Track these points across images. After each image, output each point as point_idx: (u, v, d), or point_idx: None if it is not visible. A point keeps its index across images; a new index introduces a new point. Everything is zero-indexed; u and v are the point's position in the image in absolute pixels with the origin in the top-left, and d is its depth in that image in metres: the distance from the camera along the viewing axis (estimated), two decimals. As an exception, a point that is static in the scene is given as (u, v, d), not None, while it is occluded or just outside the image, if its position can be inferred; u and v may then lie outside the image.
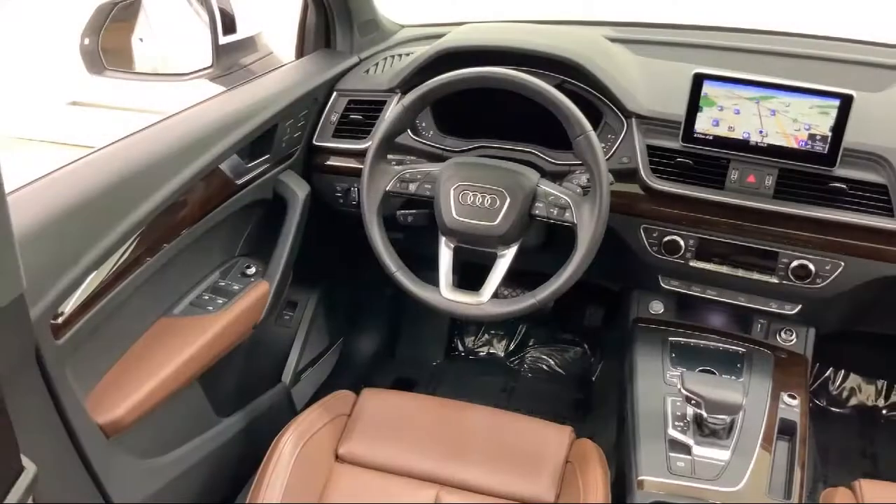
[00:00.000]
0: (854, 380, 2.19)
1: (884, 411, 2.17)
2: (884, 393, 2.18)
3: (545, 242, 1.61)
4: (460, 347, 2.38)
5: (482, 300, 1.38)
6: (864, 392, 2.18)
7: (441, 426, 1.46)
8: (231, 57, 1.73)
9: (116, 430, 1.22)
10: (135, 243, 1.24)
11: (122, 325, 1.29)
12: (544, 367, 2.31)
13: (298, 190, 1.62)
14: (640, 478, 1.30)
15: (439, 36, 1.70)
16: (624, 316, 1.71)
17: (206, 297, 1.46)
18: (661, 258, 1.55)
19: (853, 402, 2.19)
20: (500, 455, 1.39)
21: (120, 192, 1.20)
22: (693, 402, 1.32)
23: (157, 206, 1.24)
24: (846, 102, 1.34)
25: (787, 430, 1.40)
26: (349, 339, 2.23)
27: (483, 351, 2.38)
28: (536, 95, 1.34)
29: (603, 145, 1.53)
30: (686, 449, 1.33)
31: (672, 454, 1.33)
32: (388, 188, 1.44)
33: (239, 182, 1.49)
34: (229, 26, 1.69)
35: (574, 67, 1.53)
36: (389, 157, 1.53)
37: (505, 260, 1.41)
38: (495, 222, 1.38)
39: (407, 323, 2.35)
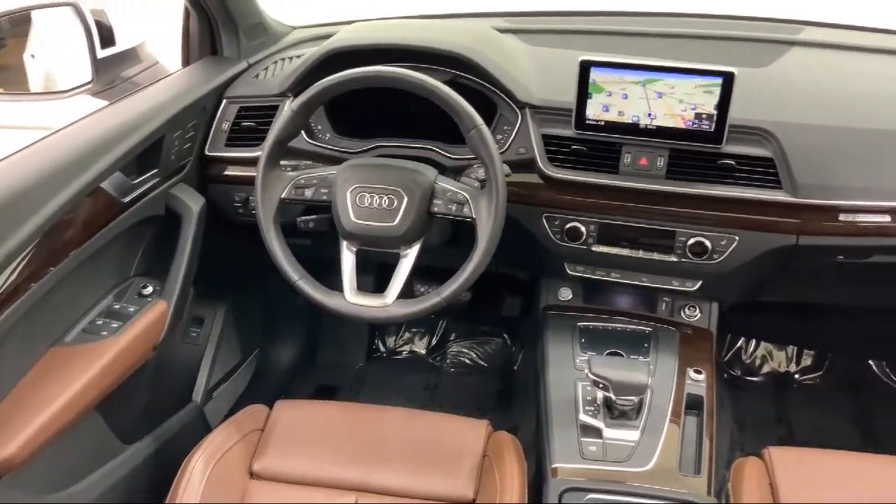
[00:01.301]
0: (765, 348, 2.26)
1: (796, 376, 2.24)
2: (794, 359, 2.25)
3: (452, 238, 1.61)
4: (382, 348, 2.36)
5: (387, 302, 1.37)
6: (775, 359, 2.26)
7: (357, 432, 1.44)
8: (112, 70, 1.66)
9: (9, 468, 1.16)
10: (17, 270, 1.18)
11: (8, 357, 1.23)
12: (466, 360, 2.31)
13: (192, 203, 1.57)
14: (553, 465, 1.31)
15: (330, 36, 1.67)
16: (535, 304, 1.73)
17: (100, 322, 1.40)
18: (565, 245, 1.56)
19: (766, 369, 2.25)
20: (417, 456, 1.38)
21: None
22: (601, 385, 1.33)
23: (38, 230, 1.18)
24: (728, 80, 1.37)
25: (694, 404, 1.42)
26: (265, 350, 2.18)
27: (405, 350, 2.37)
28: (425, 92, 1.33)
29: (500, 137, 1.54)
30: (597, 433, 1.34)
31: (584, 439, 1.34)
32: (283, 196, 1.40)
33: (126, 199, 1.43)
34: (107, 38, 1.62)
35: (465, 62, 1.52)
36: (284, 162, 1.49)
37: (408, 260, 1.40)
38: (394, 223, 1.36)
39: (325, 328, 2.31)
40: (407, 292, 1.39)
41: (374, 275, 1.79)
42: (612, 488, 1.24)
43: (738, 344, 2.26)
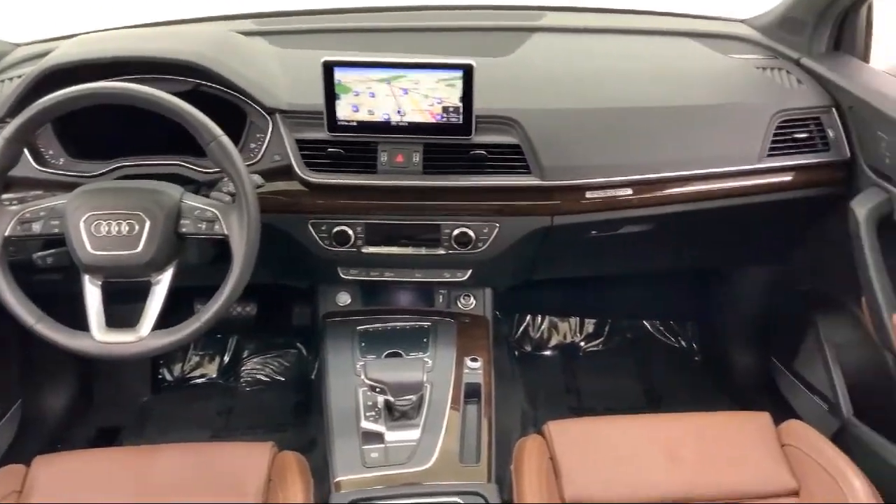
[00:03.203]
0: (550, 321, 2.36)
1: (581, 344, 2.36)
2: (578, 329, 2.37)
3: (219, 254, 1.52)
4: (169, 377, 2.22)
5: (142, 335, 1.26)
6: (560, 331, 2.36)
7: (129, 481, 1.32)
8: None
9: None
10: None
11: None
12: (262, 377, 2.22)
13: None
14: (336, 479, 1.28)
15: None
16: (308, 314, 1.69)
17: None
18: (335, 250, 1.53)
19: (554, 342, 2.36)
20: (197, 493, 1.29)
21: None
22: (378, 389, 1.32)
23: None
24: (468, 72, 1.39)
25: (473, 393, 1.45)
26: (29, 399, 1.97)
27: (196, 375, 2.24)
28: (154, 106, 1.24)
29: (253, 146, 1.48)
30: (379, 438, 1.33)
31: (366, 447, 1.32)
32: (6, 234, 1.26)
33: None
34: None
35: (203, 70, 1.44)
36: (8, 196, 1.34)
37: (161, 286, 1.30)
38: (138, 249, 1.26)
39: (101, 363, 2.13)
40: (169, 320, 1.30)
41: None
42: (391, 493, 1.23)
43: (526, 321, 2.35)
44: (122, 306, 1.37)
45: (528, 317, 2.35)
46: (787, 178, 1.56)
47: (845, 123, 1.56)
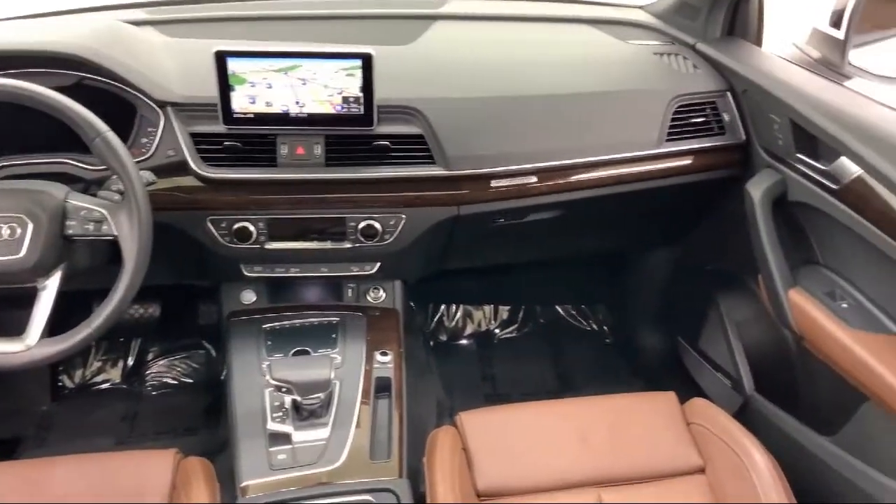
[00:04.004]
0: (465, 310, 2.36)
1: (496, 331, 2.37)
2: (492, 316, 2.38)
3: (113, 256, 1.45)
4: (70, 384, 2.12)
5: (30, 343, 1.20)
6: (475, 319, 2.37)
7: (24, 496, 1.25)
8: None
9: None
10: None
11: None
12: (169, 379, 2.14)
13: None
14: (242, 484, 1.24)
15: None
16: (215, 313, 1.63)
17: None
18: (237, 247, 1.48)
19: (469, 330, 2.36)
20: (96, 507, 1.24)
21: None
22: (284, 389, 1.28)
23: None
24: (367, 61, 1.36)
25: (384, 387, 1.43)
26: None
27: (98, 381, 2.14)
28: (32, 102, 1.17)
29: (144, 140, 1.41)
30: (286, 439, 1.30)
31: (272, 449, 1.28)
32: None
33: None
34: None
35: (86, 63, 1.37)
36: None
37: (48, 292, 1.23)
38: (21, 254, 1.19)
39: None
40: (68, 325, 1.23)
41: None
42: (299, 495, 1.20)
43: (441, 311, 2.34)
44: (11, 313, 1.30)
45: (443, 306, 2.34)
46: (686, 161, 1.59)
47: (740, 107, 1.60)
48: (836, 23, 1.46)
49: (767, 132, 1.52)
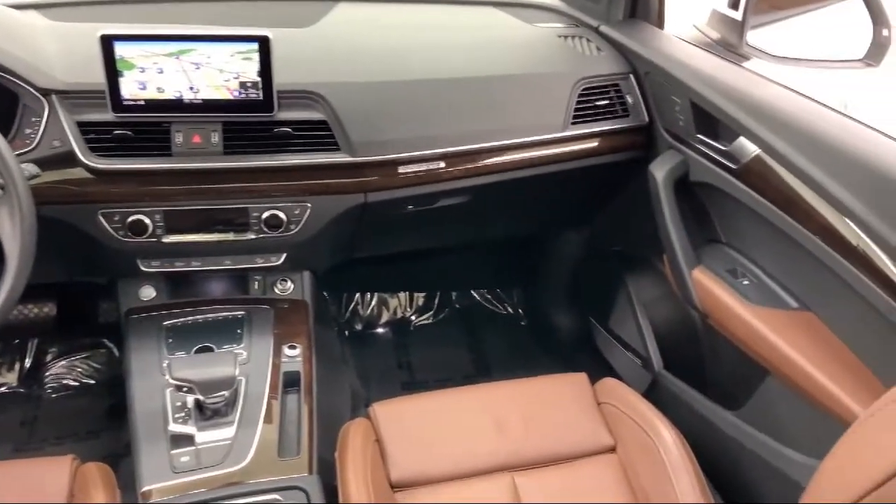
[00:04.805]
0: (380, 298, 2.33)
1: (412, 318, 2.35)
2: (408, 303, 2.36)
3: None
4: (-40, 391, 2.00)
5: None
6: (391, 307, 2.34)
7: None
8: None
9: None
10: None
11: None
12: (70, 381, 2.04)
13: None
14: (143, 489, 1.18)
15: None
16: (115, 310, 1.55)
17: None
18: (132, 241, 1.41)
19: (385, 318, 2.33)
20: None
21: None
22: (185, 389, 1.23)
23: None
24: (264, 44, 1.31)
25: (292, 382, 1.39)
26: None
27: (-9, 385, 2.02)
28: None
29: (28, 131, 1.32)
30: (189, 440, 1.24)
31: (175, 451, 1.23)
32: None
33: None
34: None
35: None
36: None
37: None
38: None
39: None
40: None
41: None
42: (204, 497, 1.15)
43: (355, 299, 2.30)
44: None
45: (357, 295, 2.30)
46: (592, 144, 1.60)
47: (642, 89, 1.62)
48: (734, 4, 1.48)
49: (669, 114, 1.54)
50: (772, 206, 1.30)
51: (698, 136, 1.46)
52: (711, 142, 1.44)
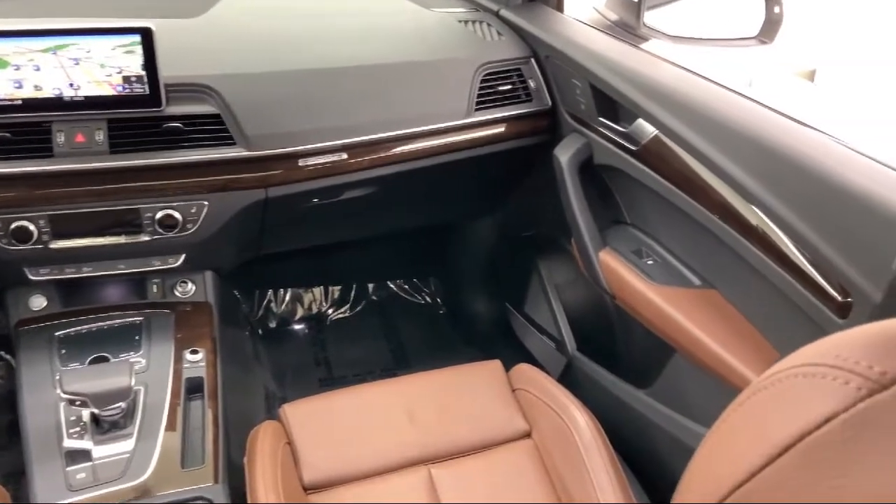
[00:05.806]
0: (295, 294, 2.28)
1: (328, 312, 2.31)
2: (323, 297, 2.31)
3: None
4: None
5: None
6: (306, 302, 2.29)
7: None
8: None
9: None
10: None
11: None
12: (-38, 398, 1.93)
13: None
14: None
15: None
16: (4, 324, 1.47)
17: None
18: (16, 249, 1.33)
19: (300, 314, 2.28)
20: None
21: None
22: (78, 402, 1.17)
23: None
24: (147, 36, 1.25)
25: (196, 388, 1.33)
26: None
27: None
28: None
29: None
30: (86, 455, 1.18)
31: (70, 468, 1.16)
32: None
33: None
34: None
35: None
36: None
37: None
38: None
39: None
40: None
41: None
42: None
43: (268, 296, 2.25)
44: None
45: (270, 292, 2.24)
46: (497, 130, 1.59)
47: (544, 73, 1.61)
48: (631, -16, 1.49)
49: (571, 97, 1.54)
50: (671, 186, 1.31)
51: (600, 118, 1.47)
52: (612, 124, 1.45)
